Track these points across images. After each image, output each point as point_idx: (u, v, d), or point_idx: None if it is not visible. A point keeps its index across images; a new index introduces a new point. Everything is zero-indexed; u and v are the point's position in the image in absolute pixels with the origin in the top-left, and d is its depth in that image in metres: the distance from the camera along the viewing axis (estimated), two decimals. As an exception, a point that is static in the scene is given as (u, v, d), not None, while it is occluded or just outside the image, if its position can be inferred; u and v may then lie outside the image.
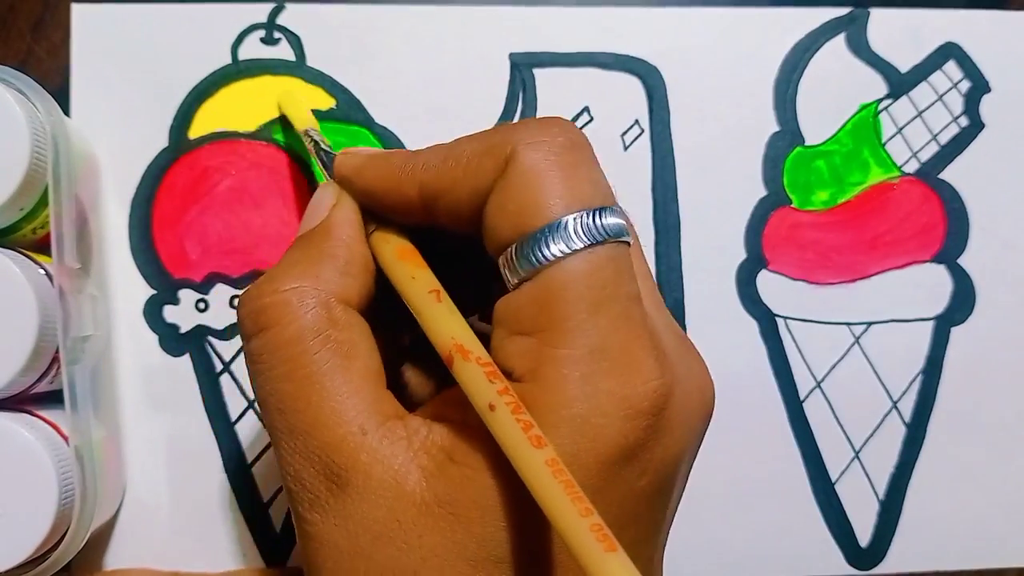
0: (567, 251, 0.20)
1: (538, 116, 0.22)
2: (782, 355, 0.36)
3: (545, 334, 0.20)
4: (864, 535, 0.36)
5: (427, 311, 0.22)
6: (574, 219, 0.20)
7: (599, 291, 0.20)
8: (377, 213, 0.24)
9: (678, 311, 0.36)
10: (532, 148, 0.21)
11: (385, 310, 0.24)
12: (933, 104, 0.37)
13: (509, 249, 0.21)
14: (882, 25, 0.37)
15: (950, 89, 0.37)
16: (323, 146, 0.29)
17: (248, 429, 0.34)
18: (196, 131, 0.35)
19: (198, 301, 0.35)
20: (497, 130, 0.22)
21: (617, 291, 0.20)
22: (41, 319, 0.28)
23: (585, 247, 0.20)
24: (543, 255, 0.20)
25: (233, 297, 0.35)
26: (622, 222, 0.21)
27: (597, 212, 0.20)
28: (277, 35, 0.35)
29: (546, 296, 0.20)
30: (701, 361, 0.23)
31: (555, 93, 0.36)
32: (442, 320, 0.21)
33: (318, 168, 0.30)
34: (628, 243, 0.21)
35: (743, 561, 0.36)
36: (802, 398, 0.36)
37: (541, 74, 0.36)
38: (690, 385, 0.22)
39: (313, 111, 0.35)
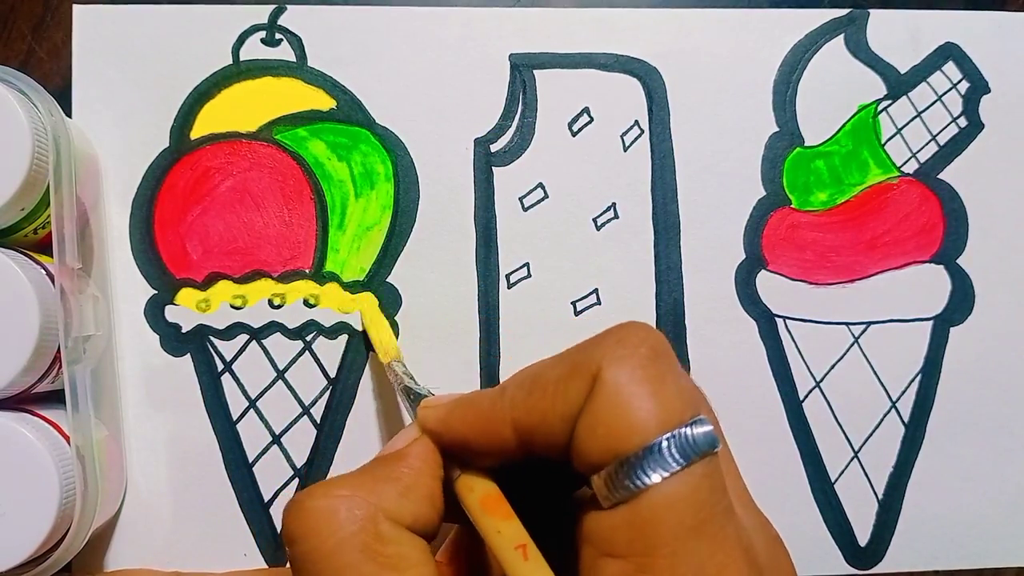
0: (665, 475, 0.19)
1: (620, 325, 0.22)
2: (781, 355, 0.36)
3: (642, 559, 0.19)
4: (863, 534, 0.36)
5: (516, 570, 0.21)
6: (668, 440, 0.20)
7: (696, 514, 0.19)
8: (466, 459, 0.23)
9: (678, 311, 0.36)
10: (617, 364, 0.20)
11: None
12: (932, 105, 0.37)
13: (604, 472, 0.20)
14: (881, 26, 0.37)
15: (949, 90, 0.38)
16: (406, 382, 0.29)
17: (249, 428, 0.35)
18: (197, 132, 0.35)
19: (200, 301, 0.35)
20: (578, 349, 0.21)
21: (713, 510, 0.20)
22: (42, 319, 0.28)
23: (681, 468, 0.20)
24: (641, 482, 0.19)
25: (236, 296, 0.35)
26: (711, 430, 0.20)
27: (689, 426, 0.20)
28: (278, 36, 0.35)
29: (642, 521, 0.20)
30: (785, 552, 0.24)
31: (555, 94, 0.36)
32: None
33: (402, 404, 0.30)
34: (718, 451, 0.20)
35: (742, 561, 0.36)
36: (801, 398, 0.36)
37: (541, 75, 0.36)
38: None
39: (314, 111, 0.35)
